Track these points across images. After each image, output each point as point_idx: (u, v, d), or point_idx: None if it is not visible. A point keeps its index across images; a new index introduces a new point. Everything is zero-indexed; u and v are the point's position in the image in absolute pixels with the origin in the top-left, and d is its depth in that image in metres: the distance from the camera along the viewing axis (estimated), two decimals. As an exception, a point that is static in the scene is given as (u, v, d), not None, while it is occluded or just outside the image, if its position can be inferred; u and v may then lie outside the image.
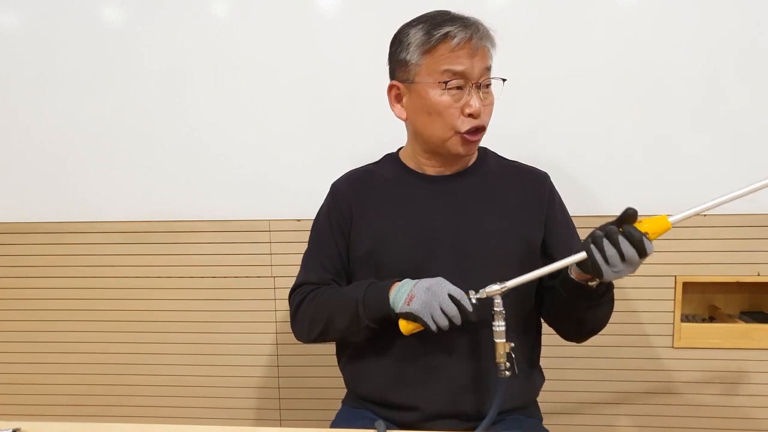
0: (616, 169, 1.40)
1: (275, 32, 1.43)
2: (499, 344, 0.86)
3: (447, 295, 0.87)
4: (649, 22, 1.34)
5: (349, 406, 1.09)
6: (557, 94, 1.39)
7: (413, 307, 0.88)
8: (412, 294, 0.89)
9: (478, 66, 0.93)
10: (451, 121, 0.95)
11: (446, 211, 1.00)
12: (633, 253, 0.78)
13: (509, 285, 0.86)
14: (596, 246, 0.80)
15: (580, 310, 0.93)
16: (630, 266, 0.80)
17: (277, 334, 1.56)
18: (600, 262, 0.80)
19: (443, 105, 0.95)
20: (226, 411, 1.61)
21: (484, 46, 0.94)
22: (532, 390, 1.05)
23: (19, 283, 1.61)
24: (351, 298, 0.96)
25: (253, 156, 1.49)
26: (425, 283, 0.89)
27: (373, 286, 0.95)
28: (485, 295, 0.86)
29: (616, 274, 0.81)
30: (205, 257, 1.54)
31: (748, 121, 1.35)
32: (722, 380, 1.44)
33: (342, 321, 0.97)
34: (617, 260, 0.79)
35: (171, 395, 1.61)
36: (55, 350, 1.62)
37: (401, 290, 0.91)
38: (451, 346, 0.97)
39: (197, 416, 1.61)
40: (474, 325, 0.94)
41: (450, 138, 0.97)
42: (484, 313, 0.90)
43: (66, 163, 1.54)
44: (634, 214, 0.80)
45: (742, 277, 1.40)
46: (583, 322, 0.97)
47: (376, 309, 0.93)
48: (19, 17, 1.49)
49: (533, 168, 1.09)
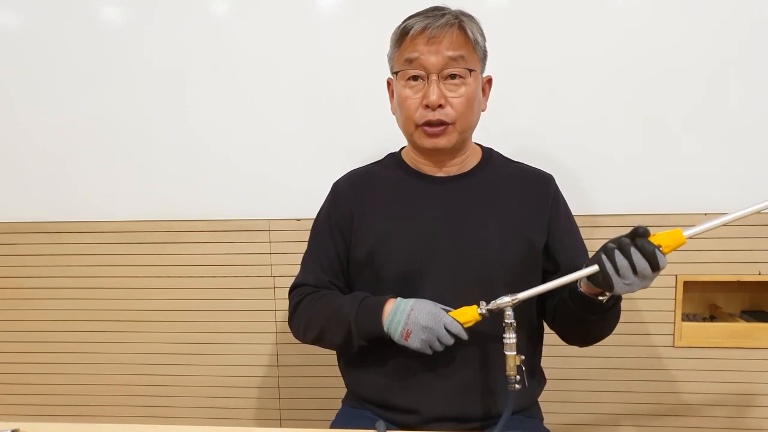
0: (615, 169, 1.40)
1: (275, 32, 1.43)
2: (509, 357, 0.85)
3: (444, 330, 0.87)
4: (647, 21, 1.33)
5: (349, 406, 1.09)
6: (556, 94, 1.38)
7: (411, 344, 0.88)
8: (408, 329, 0.88)
9: (436, 55, 0.92)
10: (410, 113, 0.95)
11: (447, 213, 0.99)
12: (645, 265, 0.77)
13: (520, 297, 0.85)
14: (608, 257, 0.79)
15: (587, 322, 0.92)
16: (642, 280, 0.79)
17: (277, 333, 1.55)
18: (611, 273, 0.79)
19: (404, 96, 0.95)
20: (226, 411, 1.60)
21: (448, 35, 0.92)
22: (533, 392, 1.05)
23: (19, 283, 1.61)
24: (344, 315, 0.95)
25: (253, 156, 1.49)
26: (421, 319, 0.87)
27: (365, 306, 0.94)
28: (496, 307, 0.85)
29: (627, 287, 0.79)
30: (204, 257, 1.54)
31: (747, 120, 1.35)
32: (723, 380, 1.44)
33: (336, 337, 0.97)
34: (629, 272, 0.78)
35: (171, 395, 1.61)
36: (55, 350, 1.62)
37: (395, 318, 0.90)
38: (453, 349, 0.95)
39: (197, 416, 1.61)
40: (478, 333, 0.93)
41: (414, 132, 0.97)
42: (489, 320, 0.89)
43: (66, 163, 1.54)
44: (646, 231, 0.79)
45: (743, 276, 1.40)
46: (587, 332, 0.97)
47: (369, 331, 0.93)
48: (19, 17, 1.49)
49: (538, 170, 1.07)
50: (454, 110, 0.94)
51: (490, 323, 0.89)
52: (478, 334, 0.95)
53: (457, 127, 0.96)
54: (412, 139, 0.99)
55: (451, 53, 0.92)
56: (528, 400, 1.04)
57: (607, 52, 1.36)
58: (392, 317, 0.90)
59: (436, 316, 0.87)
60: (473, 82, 0.95)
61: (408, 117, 0.96)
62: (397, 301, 0.92)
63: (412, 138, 0.99)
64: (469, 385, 0.97)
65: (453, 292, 0.95)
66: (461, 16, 0.95)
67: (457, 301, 0.91)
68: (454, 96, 0.94)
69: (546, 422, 1.07)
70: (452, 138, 0.96)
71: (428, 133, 0.95)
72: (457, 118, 0.95)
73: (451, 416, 0.97)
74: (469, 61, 0.94)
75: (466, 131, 0.99)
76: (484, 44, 0.98)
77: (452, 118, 0.94)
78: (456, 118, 0.94)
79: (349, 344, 0.96)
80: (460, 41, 0.93)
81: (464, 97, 0.94)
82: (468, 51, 0.94)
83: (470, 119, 0.97)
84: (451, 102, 0.93)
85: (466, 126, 0.97)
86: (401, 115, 0.98)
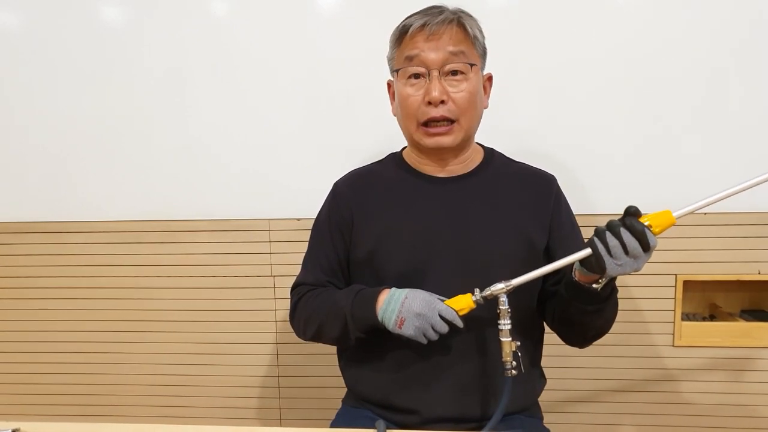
0: (615, 168, 1.40)
1: (275, 32, 1.43)
2: (505, 343, 0.85)
3: (438, 317, 0.87)
4: (647, 21, 1.33)
5: (349, 406, 1.09)
6: (556, 94, 1.38)
7: (405, 332, 0.88)
8: (402, 317, 0.88)
9: (436, 51, 0.91)
10: (412, 111, 0.95)
11: (448, 212, 0.99)
12: (636, 244, 0.78)
13: (514, 283, 0.85)
14: (599, 239, 0.80)
15: (585, 314, 0.92)
16: (635, 260, 0.79)
17: (277, 333, 1.56)
18: (603, 253, 0.79)
19: (405, 95, 0.95)
20: (226, 411, 1.60)
21: (448, 31, 0.92)
22: (533, 392, 1.05)
23: (19, 283, 1.61)
24: (340, 308, 0.95)
25: (253, 155, 1.49)
26: (415, 306, 0.88)
27: (360, 298, 0.94)
28: (490, 294, 0.85)
29: (620, 267, 0.79)
30: (204, 257, 1.54)
31: (747, 120, 1.35)
32: (723, 379, 1.44)
33: (333, 330, 0.97)
34: (620, 251, 0.78)
35: (171, 395, 1.61)
36: (55, 350, 1.62)
37: (389, 307, 0.90)
38: (453, 348, 0.96)
39: (197, 416, 1.61)
40: (476, 328, 0.93)
41: (416, 130, 0.96)
42: (486, 316, 0.89)
43: (66, 162, 1.54)
44: (636, 210, 0.79)
45: (743, 275, 1.40)
46: (587, 327, 0.97)
47: (364, 322, 0.93)
48: (19, 17, 1.49)
49: (540, 170, 1.07)
50: (457, 106, 0.94)
51: (490, 324, 0.89)
52: (478, 335, 0.95)
53: (462, 125, 0.95)
54: (414, 139, 0.99)
55: (452, 48, 0.92)
56: (528, 400, 1.04)
57: (607, 52, 1.36)
58: (387, 306, 0.90)
59: (430, 303, 0.88)
60: (474, 78, 0.95)
61: (410, 115, 0.96)
62: (391, 290, 0.92)
63: (414, 138, 0.98)
64: (468, 386, 0.97)
65: (453, 292, 0.94)
66: (459, 12, 0.95)
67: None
68: (456, 92, 0.93)
69: (546, 422, 1.07)
70: (458, 136, 0.96)
71: (431, 132, 0.95)
72: (460, 114, 0.94)
73: (451, 417, 0.97)
74: (470, 56, 0.94)
75: (471, 128, 0.98)
76: (483, 41, 0.98)
77: (455, 114, 0.94)
78: (459, 114, 0.94)
79: (347, 337, 0.96)
80: (460, 37, 0.93)
81: (466, 92, 0.94)
82: (468, 46, 0.94)
83: (473, 115, 0.97)
84: (454, 98, 0.93)
85: (471, 122, 0.97)
86: (402, 113, 0.98)
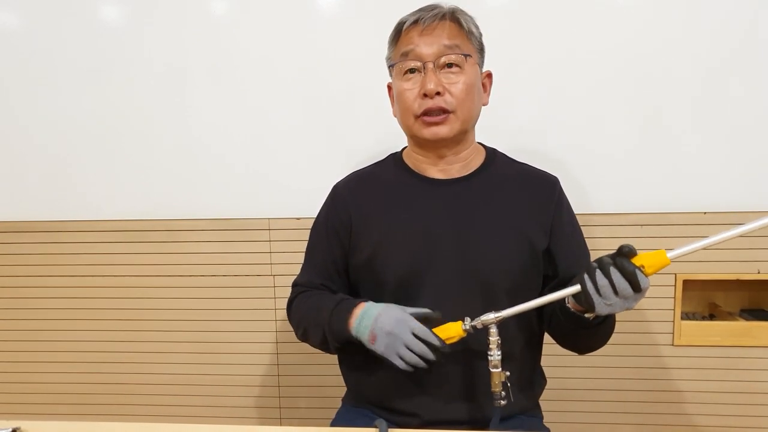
0: (615, 167, 1.40)
1: (275, 32, 1.43)
2: (494, 374, 0.85)
3: (411, 335, 0.86)
4: (647, 20, 1.34)
5: (349, 405, 1.09)
6: (555, 93, 1.38)
7: (377, 348, 0.88)
8: (374, 333, 0.88)
9: (431, 44, 0.92)
10: (409, 104, 0.95)
11: (448, 215, 0.98)
12: (626, 285, 0.75)
13: (504, 315, 0.84)
14: (589, 276, 0.78)
15: (578, 335, 0.92)
16: (624, 301, 0.77)
17: (277, 332, 1.56)
18: (591, 292, 0.77)
19: (402, 90, 0.96)
20: (226, 410, 1.60)
21: (441, 25, 0.93)
22: (533, 395, 1.05)
23: (19, 282, 1.61)
24: (321, 318, 0.95)
25: (253, 155, 1.49)
26: (386, 325, 0.87)
27: (337, 311, 0.94)
28: (480, 325, 0.85)
29: (609, 307, 0.78)
30: (204, 256, 1.54)
31: (746, 119, 1.35)
32: (723, 378, 1.44)
33: (316, 338, 0.98)
34: (609, 291, 0.76)
35: (171, 394, 1.61)
36: (55, 349, 1.62)
37: (363, 323, 0.90)
38: (452, 353, 0.95)
39: (197, 416, 1.61)
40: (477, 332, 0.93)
41: (413, 123, 0.96)
42: (471, 335, 0.88)
43: (65, 162, 1.54)
44: (631, 250, 0.77)
45: (743, 274, 1.40)
46: (581, 344, 0.98)
47: (340, 335, 0.93)
48: (19, 17, 1.49)
49: (542, 172, 1.05)
50: (453, 97, 0.93)
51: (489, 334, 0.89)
52: (480, 341, 0.94)
53: (459, 116, 0.94)
54: (412, 132, 0.98)
55: (446, 42, 0.93)
56: (528, 401, 1.03)
57: (607, 51, 1.36)
58: (360, 321, 0.90)
59: (403, 322, 0.87)
60: (471, 70, 0.95)
61: (407, 108, 0.96)
62: (367, 305, 0.92)
63: (412, 131, 0.98)
64: (469, 389, 0.97)
65: (454, 295, 0.95)
66: (454, 8, 0.96)
67: (457, 304, 0.91)
68: (451, 83, 0.93)
69: (546, 422, 1.07)
70: (454, 127, 0.95)
71: (428, 122, 0.94)
72: (457, 106, 0.94)
73: (452, 420, 0.97)
74: (465, 49, 0.94)
75: (468, 120, 0.97)
76: (479, 36, 0.98)
77: (452, 105, 0.93)
78: (456, 105, 0.94)
79: (327, 346, 0.97)
80: (454, 31, 0.94)
81: (462, 84, 0.93)
82: (463, 40, 0.94)
83: (470, 107, 0.96)
84: (450, 89, 0.93)
85: (468, 114, 0.96)
86: (400, 108, 0.98)
